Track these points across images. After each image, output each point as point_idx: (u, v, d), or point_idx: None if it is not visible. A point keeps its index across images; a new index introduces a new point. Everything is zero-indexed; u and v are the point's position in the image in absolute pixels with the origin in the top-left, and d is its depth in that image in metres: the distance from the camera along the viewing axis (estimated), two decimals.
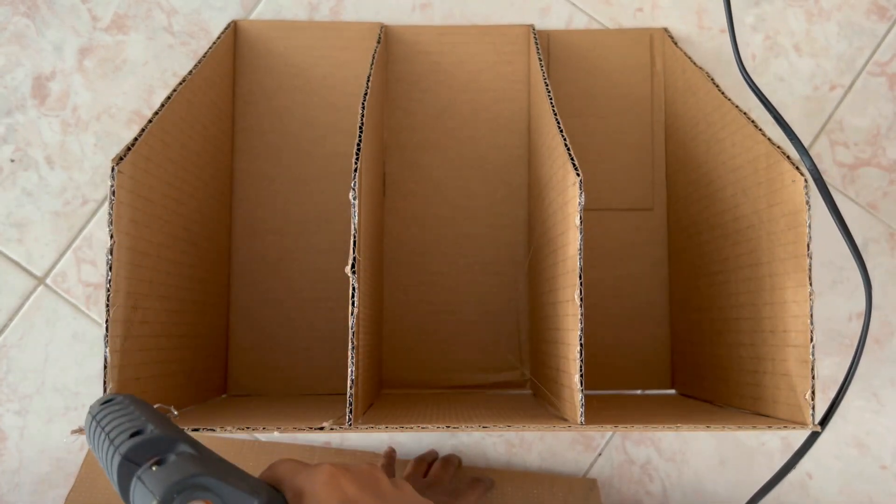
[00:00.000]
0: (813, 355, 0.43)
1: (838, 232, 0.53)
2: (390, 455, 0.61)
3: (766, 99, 0.55)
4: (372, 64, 0.56)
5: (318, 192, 0.65)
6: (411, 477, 0.57)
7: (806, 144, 0.66)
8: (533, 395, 0.63)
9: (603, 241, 0.65)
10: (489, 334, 0.65)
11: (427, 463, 0.59)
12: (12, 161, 0.65)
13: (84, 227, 0.65)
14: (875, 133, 0.66)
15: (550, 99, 0.52)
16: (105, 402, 0.37)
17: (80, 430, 0.42)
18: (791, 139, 0.53)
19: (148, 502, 0.29)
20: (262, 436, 0.63)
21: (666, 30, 0.67)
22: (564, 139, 0.47)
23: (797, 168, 0.45)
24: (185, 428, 0.43)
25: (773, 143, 0.47)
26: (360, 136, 0.46)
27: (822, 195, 0.49)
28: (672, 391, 0.64)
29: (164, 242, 0.50)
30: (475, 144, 0.66)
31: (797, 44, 0.67)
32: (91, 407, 0.38)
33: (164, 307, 0.50)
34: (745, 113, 0.51)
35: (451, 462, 0.60)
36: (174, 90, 0.51)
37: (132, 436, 0.33)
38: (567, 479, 0.62)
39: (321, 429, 0.42)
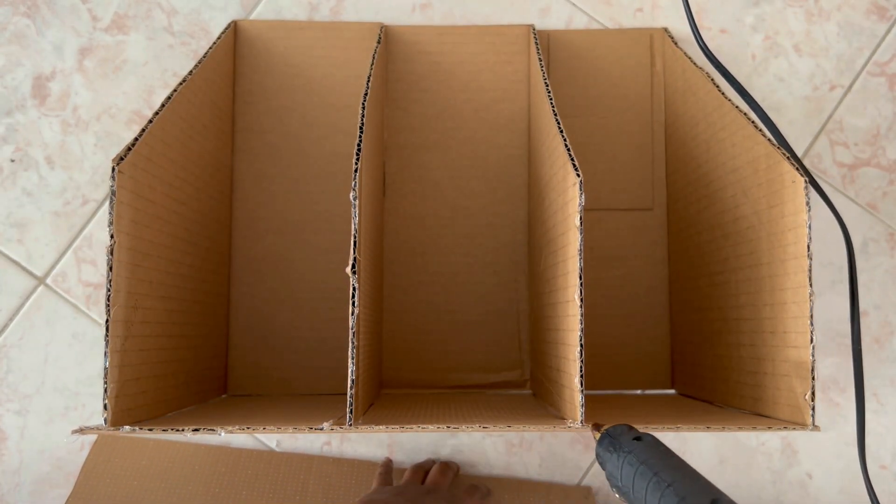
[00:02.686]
0: (813, 356, 0.43)
1: (838, 232, 0.53)
2: (387, 465, 0.61)
3: (730, 74, 0.55)
4: (372, 64, 0.56)
5: (319, 192, 0.65)
6: (409, 484, 0.57)
7: (806, 144, 0.67)
8: (533, 395, 0.63)
9: (603, 241, 0.65)
10: (489, 334, 0.65)
11: (424, 470, 0.59)
12: (12, 161, 0.65)
13: (84, 227, 0.65)
14: (875, 133, 0.66)
15: (550, 99, 0.52)
16: (635, 439, 0.37)
17: (80, 430, 0.42)
18: (744, 98, 0.53)
19: None
20: (263, 436, 0.63)
21: (666, 30, 0.67)
22: (564, 139, 0.47)
23: (797, 168, 0.45)
24: (185, 428, 0.43)
25: (773, 144, 0.47)
26: (360, 136, 0.46)
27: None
28: (672, 391, 0.64)
29: (164, 242, 0.50)
30: (475, 144, 0.66)
31: (797, 44, 0.67)
32: (615, 434, 0.38)
33: (164, 307, 0.50)
34: (745, 113, 0.51)
35: (450, 468, 0.59)
36: (174, 90, 0.51)
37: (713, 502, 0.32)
38: (563, 488, 0.62)
39: (321, 429, 0.42)
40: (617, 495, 0.37)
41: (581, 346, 0.43)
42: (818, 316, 0.64)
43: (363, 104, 0.49)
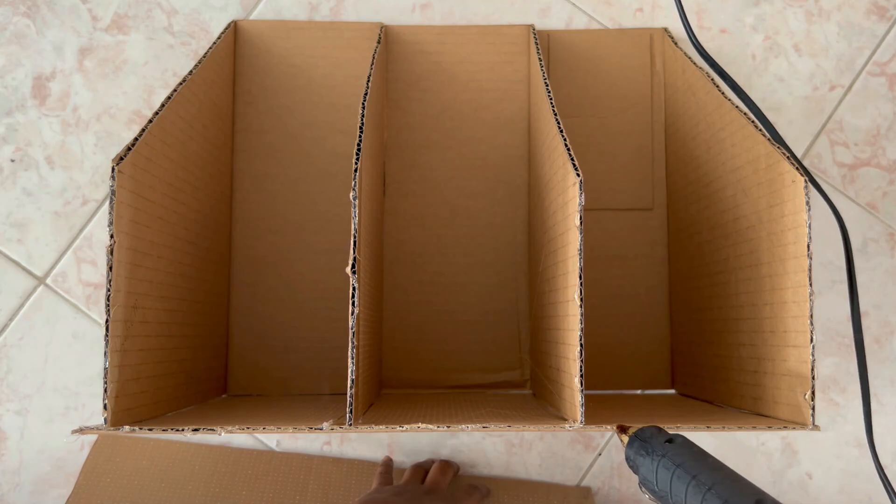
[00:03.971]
0: (813, 355, 0.43)
1: (838, 232, 0.53)
2: (387, 464, 0.61)
3: (723, 70, 0.55)
4: (372, 64, 0.56)
5: (318, 192, 0.65)
6: (409, 483, 0.57)
7: (806, 144, 0.67)
8: (533, 395, 0.63)
9: (603, 241, 0.65)
10: (489, 334, 0.65)
11: (424, 470, 0.59)
12: (12, 161, 0.65)
13: (84, 227, 0.65)
14: (875, 133, 0.66)
15: (550, 99, 0.52)
16: (667, 441, 0.37)
17: (80, 431, 0.42)
18: (741, 98, 0.53)
19: None
20: (263, 436, 0.63)
21: (666, 30, 0.67)
22: (564, 139, 0.47)
23: (797, 168, 0.45)
24: (185, 428, 0.43)
25: (773, 143, 0.47)
26: (360, 136, 0.46)
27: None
28: (672, 391, 0.64)
29: (164, 242, 0.50)
30: (475, 144, 0.66)
31: (797, 44, 0.67)
32: (644, 436, 0.37)
33: (164, 307, 0.50)
34: (745, 113, 0.51)
35: (450, 467, 0.59)
36: (174, 90, 0.51)
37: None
38: (562, 488, 0.62)
39: (321, 429, 0.42)
40: (647, 496, 0.37)
41: (581, 346, 0.43)
42: (818, 316, 0.64)
43: (363, 104, 0.49)
